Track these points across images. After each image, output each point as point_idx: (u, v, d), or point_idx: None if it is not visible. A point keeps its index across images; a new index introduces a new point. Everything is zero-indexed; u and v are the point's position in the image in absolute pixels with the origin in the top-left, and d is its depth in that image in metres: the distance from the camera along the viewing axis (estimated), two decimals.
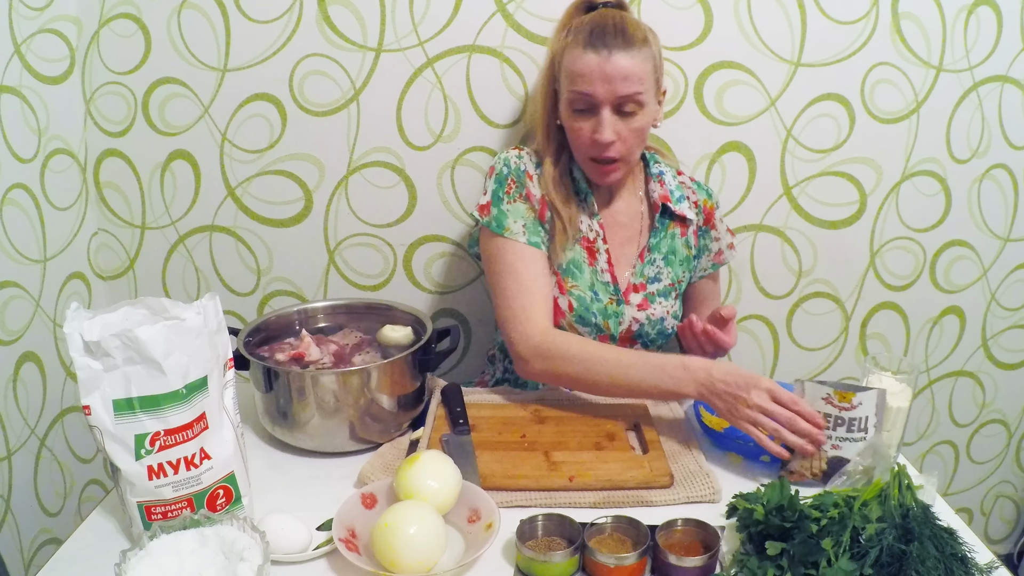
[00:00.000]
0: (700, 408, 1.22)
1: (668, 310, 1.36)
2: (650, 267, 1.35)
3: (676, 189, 1.37)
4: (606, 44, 1.18)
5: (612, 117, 1.20)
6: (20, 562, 1.38)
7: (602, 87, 1.18)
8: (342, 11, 1.45)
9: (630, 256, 1.35)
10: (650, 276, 1.35)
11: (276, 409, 1.15)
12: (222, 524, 0.86)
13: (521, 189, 1.29)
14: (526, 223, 1.28)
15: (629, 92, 1.18)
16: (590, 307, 1.30)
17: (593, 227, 1.32)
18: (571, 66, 1.21)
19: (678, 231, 1.37)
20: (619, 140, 1.22)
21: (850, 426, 1.02)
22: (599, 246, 1.32)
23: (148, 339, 0.85)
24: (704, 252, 1.42)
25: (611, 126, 1.20)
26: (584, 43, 1.19)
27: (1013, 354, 1.76)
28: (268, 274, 1.64)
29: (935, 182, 1.59)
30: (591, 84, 1.18)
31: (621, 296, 1.33)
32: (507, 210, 1.28)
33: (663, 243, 1.36)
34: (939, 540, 0.85)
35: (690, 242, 1.39)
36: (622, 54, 1.18)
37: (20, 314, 1.37)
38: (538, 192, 1.30)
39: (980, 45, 1.49)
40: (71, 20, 1.45)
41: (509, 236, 1.27)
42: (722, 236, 1.42)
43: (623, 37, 1.19)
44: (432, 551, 0.87)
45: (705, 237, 1.41)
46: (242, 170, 1.56)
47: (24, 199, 1.37)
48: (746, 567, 0.86)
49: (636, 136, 1.23)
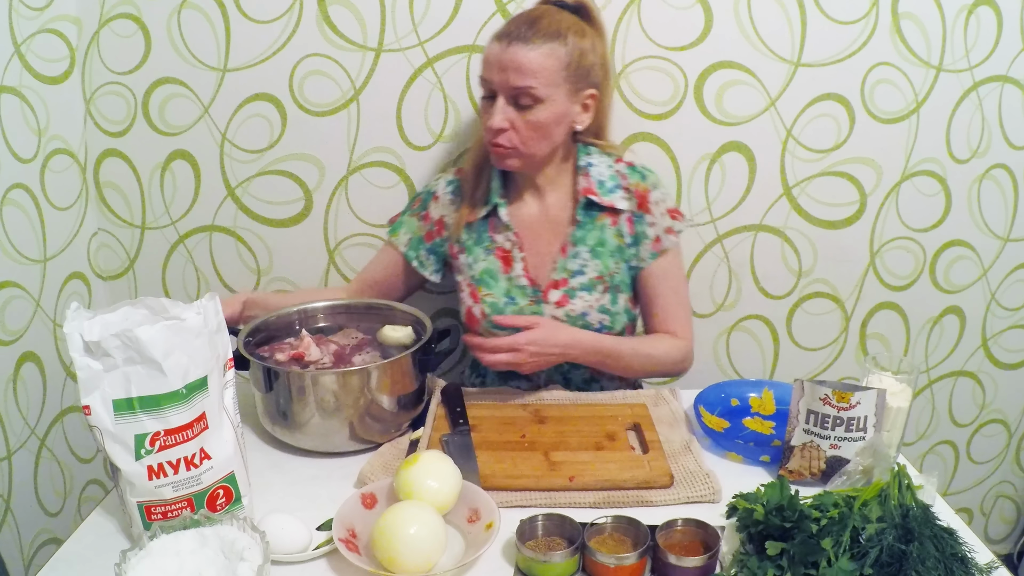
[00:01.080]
0: (700, 408, 1.22)
1: (592, 304, 1.33)
2: (573, 260, 1.33)
3: (610, 179, 1.34)
4: (509, 35, 1.20)
5: (507, 107, 1.21)
6: (20, 562, 1.38)
7: (498, 75, 1.21)
8: (342, 11, 1.45)
9: (555, 253, 1.35)
10: (573, 270, 1.34)
11: (276, 409, 1.15)
12: (222, 524, 0.86)
13: (423, 208, 1.42)
14: (411, 237, 1.42)
15: (521, 84, 1.19)
16: (504, 312, 1.32)
17: (509, 237, 1.34)
18: (485, 52, 1.24)
19: (608, 222, 1.34)
20: (512, 130, 1.22)
21: (848, 426, 1.02)
22: (515, 254, 1.34)
23: (148, 339, 0.85)
24: (642, 239, 1.34)
25: (502, 113, 1.21)
26: (498, 33, 1.22)
27: (1013, 354, 1.76)
28: (268, 274, 1.64)
29: (935, 182, 1.59)
30: (490, 71, 1.22)
31: (541, 296, 1.34)
32: (403, 221, 1.44)
33: (589, 235, 1.34)
34: (939, 540, 0.85)
35: (623, 231, 1.34)
36: (522, 46, 1.19)
37: (20, 314, 1.37)
38: (437, 214, 1.40)
39: (980, 45, 1.49)
40: (71, 20, 1.45)
41: (392, 239, 1.44)
42: (658, 221, 1.34)
43: (531, 30, 1.20)
44: (432, 551, 0.87)
45: (640, 223, 1.34)
46: (242, 170, 1.56)
47: (24, 199, 1.37)
48: (746, 567, 0.86)
49: (533, 130, 1.23)
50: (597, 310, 1.33)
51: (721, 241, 1.61)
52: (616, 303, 1.35)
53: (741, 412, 1.26)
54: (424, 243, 1.42)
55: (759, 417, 1.25)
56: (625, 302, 1.36)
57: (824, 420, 1.03)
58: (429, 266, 1.43)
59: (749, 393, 1.30)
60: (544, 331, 1.23)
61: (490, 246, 1.35)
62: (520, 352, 1.21)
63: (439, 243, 1.41)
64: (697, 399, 1.24)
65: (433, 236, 1.41)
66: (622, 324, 1.36)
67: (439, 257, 1.43)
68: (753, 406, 1.28)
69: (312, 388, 1.11)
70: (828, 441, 1.04)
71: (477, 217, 1.35)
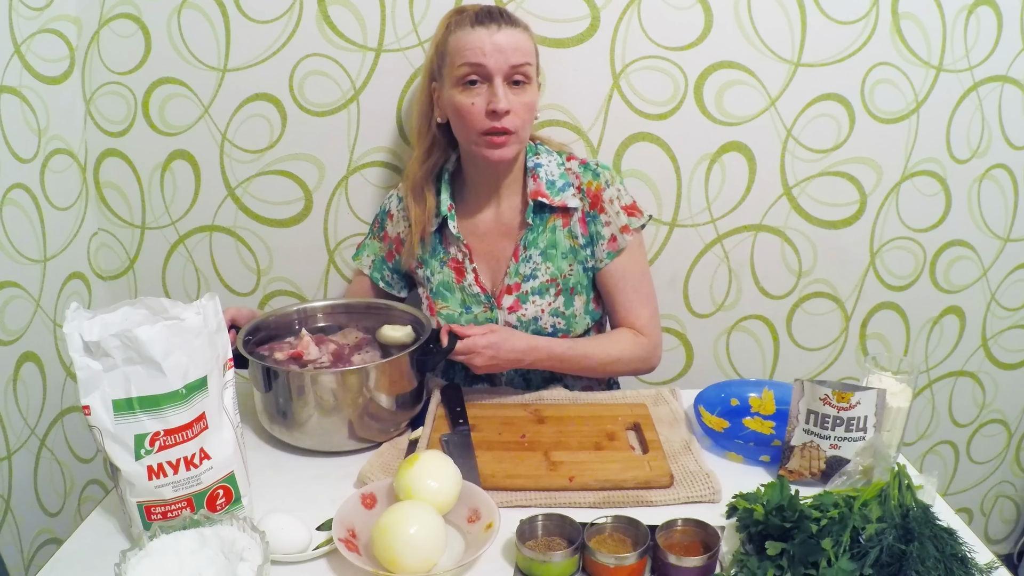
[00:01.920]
0: (700, 408, 1.22)
1: (544, 308, 1.33)
2: (525, 264, 1.33)
3: (560, 178, 1.32)
4: (493, 19, 1.22)
5: (504, 88, 1.21)
6: (20, 562, 1.38)
7: (494, 57, 1.20)
8: (342, 11, 1.45)
9: (508, 258, 1.34)
10: (525, 274, 1.33)
11: (275, 408, 1.15)
12: (222, 524, 0.86)
13: (381, 230, 1.43)
14: (374, 259, 1.44)
15: (520, 61, 1.21)
16: (460, 322, 1.32)
17: (461, 249, 1.34)
18: (460, 43, 1.22)
19: (559, 223, 1.33)
20: (512, 112, 1.22)
21: (848, 426, 1.02)
22: (466, 265, 1.34)
23: (148, 339, 0.86)
24: (598, 239, 1.33)
25: (505, 95, 1.20)
26: (471, 22, 1.22)
27: (1013, 354, 1.76)
28: (268, 274, 1.64)
29: (935, 182, 1.59)
30: (483, 55, 1.20)
31: (495, 303, 1.34)
32: (366, 244, 1.46)
33: (540, 238, 1.33)
34: (939, 540, 0.85)
35: (575, 231, 1.32)
36: (510, 28, 1.22)
37: (20, 314, 1.37)
38: (393, 232, 1.41)
39: (980, 45, 1.49)
40: (71, 20, 1.45)
41: (356, 263, 1.46)
42: (612, 220, 1.31)
43: (506, 15, 1.24)
44: (432, 551, 0.87)
45: (595, 223, 1.32)
46: (242, 170, 1.56)
47: (24, 199, 1.37)
48: (746, 567, 0.86)
49: (527, 111, 1.24)
50: (549, 313, 1.33)
51: (721, 241, 1.61)
52: (571, 305, 1.34)
53: (741, 412, 1.26)
54: (387, 263, 1.43)
55: (759, 417, 1.25)
56: (583, 303, 1.35)
57: (824, 420, 1.03)
58: (396, 284, 1.45)
59: (749, 393, 1.30)
60: (499, 336, 1.23)
61: (444, 258, 1.36)
62: (477, 354, 1.21)
63: (399, 261, 1.41)
64: (697, 399, 1.24)
65: (393, 255, 1.42)
66: (583, 326, 1.35)
67: (402, 275, 1.45)
68: (753, 406, 1.28)
69: (311, 387, 1.11)
70: (828, 441, 1.04)
71: (429, 232, 1.35)
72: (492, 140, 1.23)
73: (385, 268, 1.44)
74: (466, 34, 1.21)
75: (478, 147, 1.24)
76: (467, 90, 1.22)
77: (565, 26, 1.45)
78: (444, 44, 1.25)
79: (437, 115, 1.29)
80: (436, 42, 1.28)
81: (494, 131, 1.22)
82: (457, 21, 1.24)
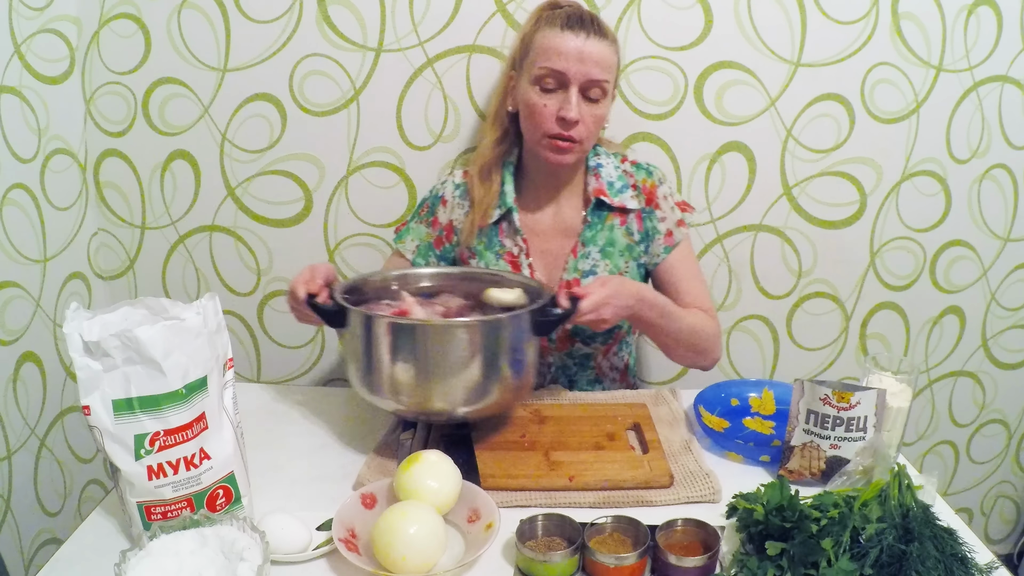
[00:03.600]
0: (700, 408, 1.22)
1: None
2: (584, 261, 1.33)
3: (618, 179, 1.34)
4: (584, 28, 1.20)
5: (578, 97, 1.21)
6: (20, 562, 1.38)
7: (575, 66, 1.19)
8: (342, 11, 1.45)
9: (566, 254, 1.35)
10: (584, 270, 1.34)
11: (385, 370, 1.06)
12: (222, 524, 0.86)
13: (430, 215, 1.39)
14: (419, 245, 1.39)
15: (599, 77, 1.20)
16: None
17: (517, 242, 1.33)
18: (545, 43, 1.21)
19: (617, 221, 1.34)
20: (582, 123, 1.22)
21: (848, 426, 1.02)
22: (522, 260, 1.33)
23: (148, 339, 0.85)
24: (653, 235, 1.35)
25: (577, 104, 1.21)
26: (561, 24, 1.21)
27: (1013, 354, 1.76)
28: (268, 274, 1.64)
29: (935, 182, 1.59)
30: (565, 62, 1.19)
31: None
32: (411, 228, 1.40)
33: (599, 236, 1.34)
34: (939, 540, 0.85)
35: (632, 229, 1.34)
36: (598, 40, 1.21)
37: (20, 314, 1.37)
38: (445, 219, 1.38)
39: (980, 45, 1.49)
40: (71, 20, 1.45)
41: (399, 247, 1.40)
42: (668, 215, 1.34)
43: (598, 25, 1.23)
44: (432, 551, 0.87)
45: (650, 219, 1.34)
46: (242, 170, 1.56)
47: (24, 199, 1.37)
48: (746, 567, 0.86)
49: (596, 124, 1.25)
50: None
51: (721, 241, 1.61)
52: None
53: (741, 412, 1.26)
54: (434, 250, 1.39)
55: (759, 417, 1.25)
56: None
57: (824, 420, 1.03)
58: None
59: (749, 393, 1.30)
60: (614, 284, 1.16)
61: (500, 250, 1.35)
62: (607, 305, 1.14)
63: (448, 249, 1.39)
64: (697, 399, 1.24)
65: (443, 242, 1.39)
66: (628, 324, 1.36)
67: (448, 263, 1.40)
68: (753, 406, 1.28)
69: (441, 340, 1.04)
70: (828, 441, 1.04)
71: (489, 221, 1.34)
72: (557, 144, 1.23)
73: (431, 255, 1.39)
74: (554, 35, 1.21)
75: (542, 148, 1.26)
76: (542, 90, 1.23)
77: None
78: (530, 38, 1.25)
79: (509, 104, 1.30)
80: (523, 33, 1.28)
81: (560, 137, 1.22)
82: (548, 18, 1.24)
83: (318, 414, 1.28)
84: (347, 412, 1.28)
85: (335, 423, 1.25)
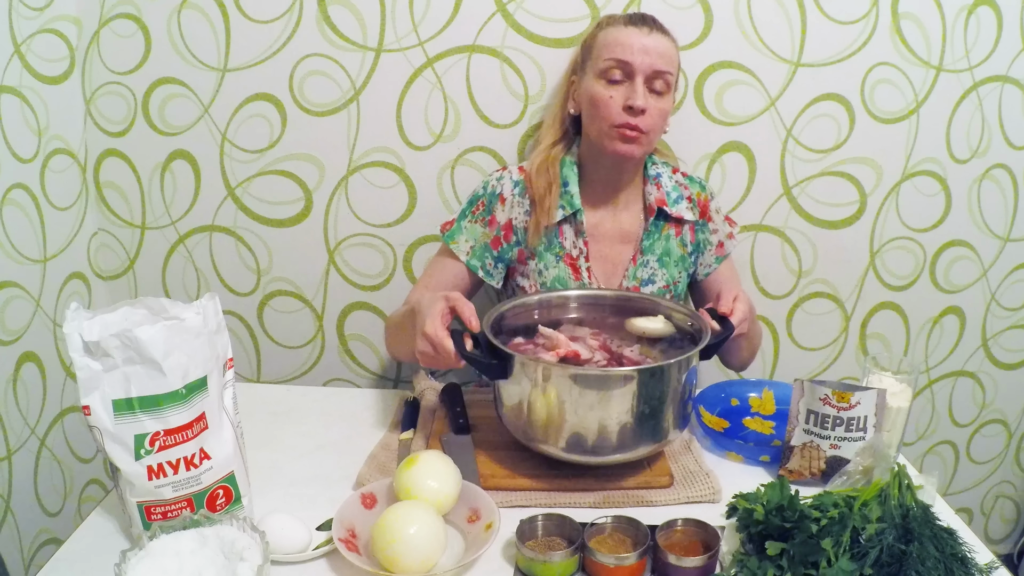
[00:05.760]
0: (700, 408, 1.22)
1: None
2: (643, 269, 1.35)
3: (673, 190, 1.36)
4: (647, 23, 1.24)
5: (644, 88, 1.22)
6: (20, 562, 1.38)
7: (640, 57, 1.21)
8: (342, 11, 1.45)
9: (625, 261, 1.35)
10: (643, 278, 1.35)
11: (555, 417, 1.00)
12: (222, 524, 0.86)
13: (487, 213, 1.33)
14: (474, 245, 1.33)
15: (664, 68, 1.22)
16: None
17: (578, 244, 1.33)
18: (609, 39, 1.24)
19: (673, 232, 1.36)
20: (648, 113, 1.23)
21: (848, 426, 1.02)
22: (581, 264, 1.33)
23: (148, 339, 0.86)
24: (705, 247, 1.40)
25: (643, 94, 1.22)
26: (625, 21, 1.25)
27: (1013, 354, 1.76)
28: (268, 274, 1.64)
29: (935, 182, 1.59)
30: (631, 53, 1.21)
31: None
32: (464, 227, 1.33)
33: (657, 245, 1.35)
34: (939, 540, 0.85)
35: (686, 240, 1.38)
36: (661, 35, 1.24)
37: (20, 314, 1.37)
38: (504, 218, 1.32)
39: (980, 45, 1.49)
40: (71, 20, 1.45)
41: (452, 247, 1.33)
42: (719, 227, 1.40)
43: (660, 25, 1.26)
44: (432, 551, 0.87)
45: (703, 231, 1.39)
46: (242, 170, 1.56)
47: (24, 199, 1.37)
48: (746, 567, 0.86)
49: (661, 117, 1.26)
50: None
51: None
52: None
53: (741, 412, 1.26)
54: (490, 250, 1.33)
55: (759, 417, 1.25)
56: None
57: (824, 420, 1.03)
58: (495, 275, 1.36)
59: (749, 393, 1.30)
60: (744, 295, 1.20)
61: (560, 252, 1.33)
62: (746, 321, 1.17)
63: (505, 249, 1.34)
64: (697, 399, 1.24)
65: (500, 242, 1.33)
66: None
67: (505, 264, 1.36)
68: (753, 406, 1.28)
69: (622, 388, 0.99)
70: (828, 441, 1.04)
71: (553, 222, 1.31)
72: (624, 134, 1.23)
73: (488, 256, 1.33)
74: (617, 31, 1.24)
75: (609, 139, 1.25)
76: (609, 82, 1.24)
77: (565, 26, 1.45)
78: (592, 39, 1.28)
79: (571, 106, 1.32)
80: (584, 39, 1.32)
81: (628, 126, 1.22)
82: (609, 19, 1.28)
83: (318, 414, 1.28)
84: (347, 412, 1.28)
85: (335, 423, 1.25)
